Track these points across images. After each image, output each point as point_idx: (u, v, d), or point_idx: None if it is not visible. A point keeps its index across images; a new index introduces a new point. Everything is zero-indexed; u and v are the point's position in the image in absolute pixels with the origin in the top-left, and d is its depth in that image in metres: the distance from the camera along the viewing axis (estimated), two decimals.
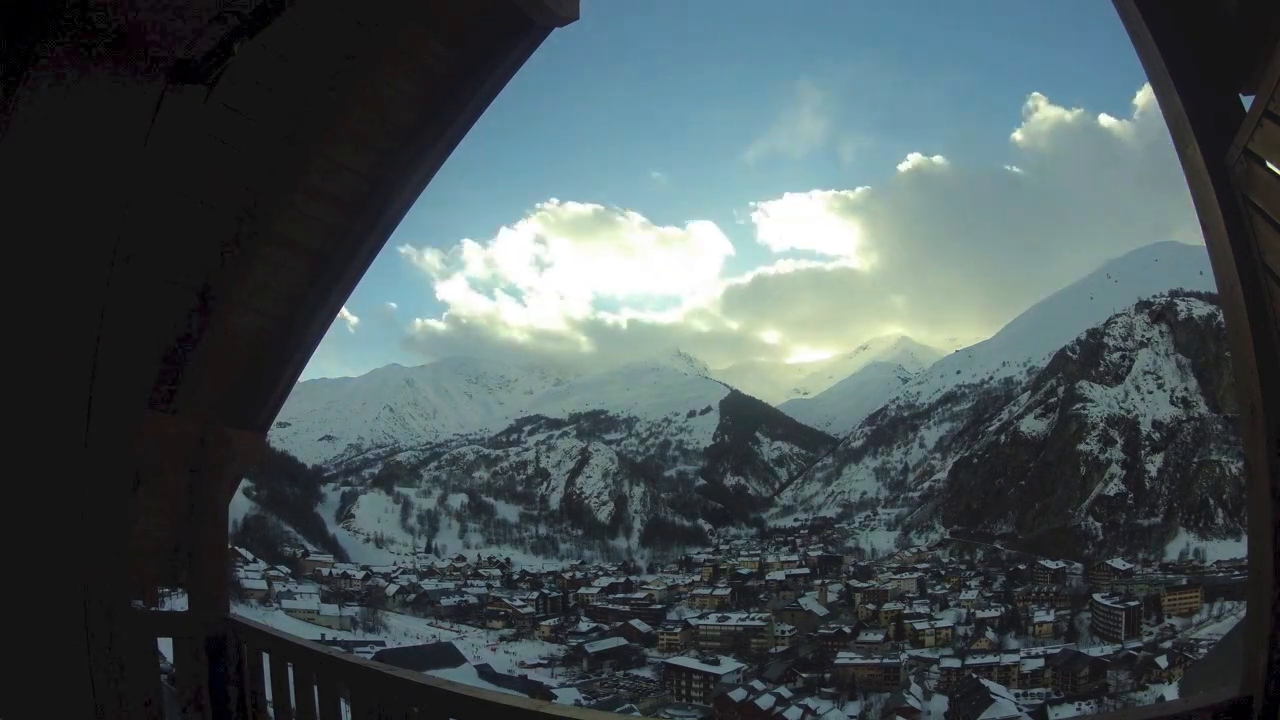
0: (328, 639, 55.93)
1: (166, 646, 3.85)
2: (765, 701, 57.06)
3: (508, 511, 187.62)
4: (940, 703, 60.43)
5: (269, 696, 3.61)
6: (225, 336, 3.61)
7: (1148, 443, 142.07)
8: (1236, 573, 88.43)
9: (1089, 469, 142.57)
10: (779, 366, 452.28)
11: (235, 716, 3.65)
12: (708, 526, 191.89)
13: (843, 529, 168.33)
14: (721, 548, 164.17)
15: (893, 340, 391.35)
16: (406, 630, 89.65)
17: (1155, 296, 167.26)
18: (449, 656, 68.80)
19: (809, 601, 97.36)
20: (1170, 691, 50.99)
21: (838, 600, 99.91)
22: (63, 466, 1.56)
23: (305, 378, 8.52)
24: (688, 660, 75.74)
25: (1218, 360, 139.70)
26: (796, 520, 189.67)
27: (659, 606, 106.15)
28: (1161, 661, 64.67)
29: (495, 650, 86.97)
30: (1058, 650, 72.00)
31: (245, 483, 62.03)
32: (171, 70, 1.54)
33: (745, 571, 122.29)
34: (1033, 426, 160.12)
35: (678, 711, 65.76)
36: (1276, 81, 1.75)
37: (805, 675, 71.08)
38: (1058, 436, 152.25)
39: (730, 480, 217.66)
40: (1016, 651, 74.44)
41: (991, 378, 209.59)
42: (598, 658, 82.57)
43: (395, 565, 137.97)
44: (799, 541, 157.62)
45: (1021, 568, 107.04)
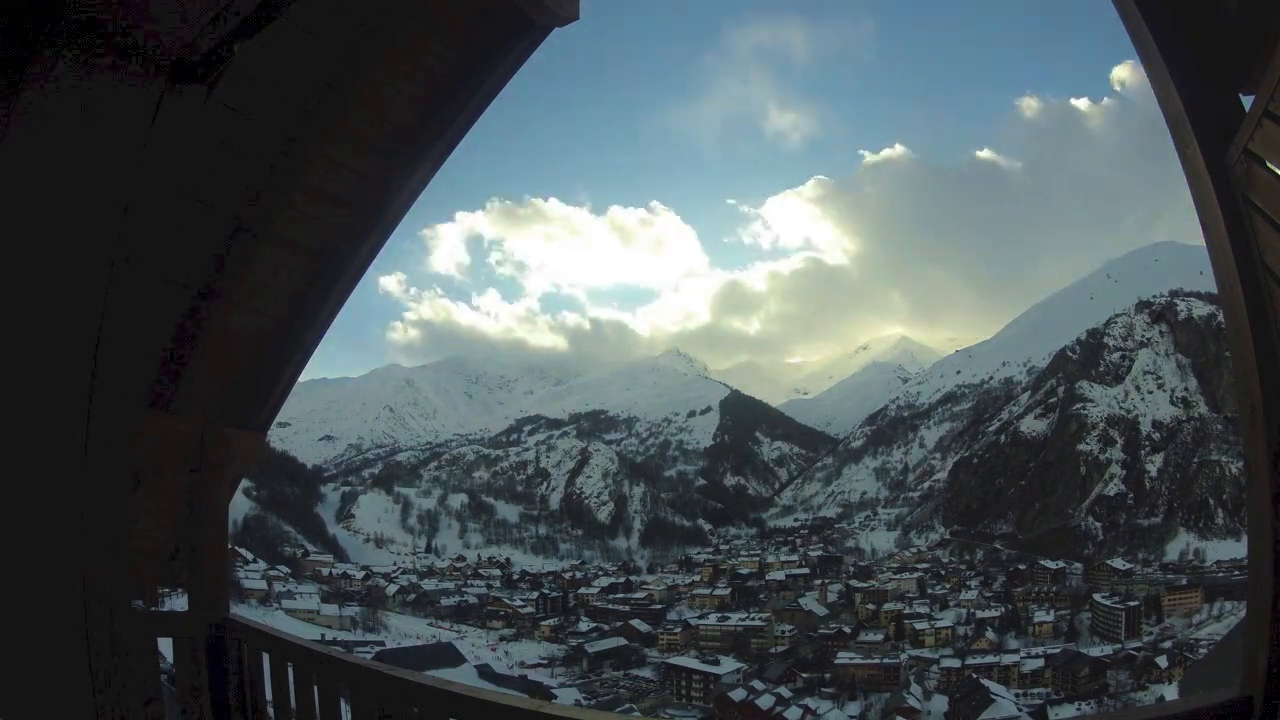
0: (328, 639, 55.90)
1: (166, 646, 3.85)
2: (765, 701, 57.07)
3: (508, 511, 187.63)
4: (940, 703, 60.45)
5: (269, 696, 3.61)
6: (225, 336, 3.61)
7: (1148, 443, 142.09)
8: (1236, 573, 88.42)
9: (1089, 469, 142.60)
10: (779, 366, 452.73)
11: (235, 716, 3.65)
12: (708, 526, 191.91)
13: (843, 529, 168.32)
14: (721, 548, 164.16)
15: (893, 340, 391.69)
16: (406, 630, 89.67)
17: (1155, 296, 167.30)
18: (449, 656, 68.83)
19: (809, 601, 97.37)
20: (1170, 691, 50.97)
21: (838, 600, 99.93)
22: (63, 466, 1.56)
23: (305, 378, 8.52)
24: (688, 660, 75.72)
25: (1218, 360, 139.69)
26: (796, 520, 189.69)
27: (659, 606, 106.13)
28: (1161, 661, 64.67)
29: (495, 650, 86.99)
30: (1058, 650, 71.99)
31: (245, 483, 62.04)
32: (171, 70, 1.54)
33: (745, 571, 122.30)
34: (1033, 426, 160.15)
35: (678, 711, 65.74)
36: (1276, 81, 1.75)
37: (805, 675, 71.08)
38: (1058, 436, 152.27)
39: (730, 480, 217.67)
40: (1016, 651, 74.43)
41: (991, 378, 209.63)
42: (598, 658, 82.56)
43: (395, 565, 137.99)
44: (799, 541, 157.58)
45: (1021, 568, 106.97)
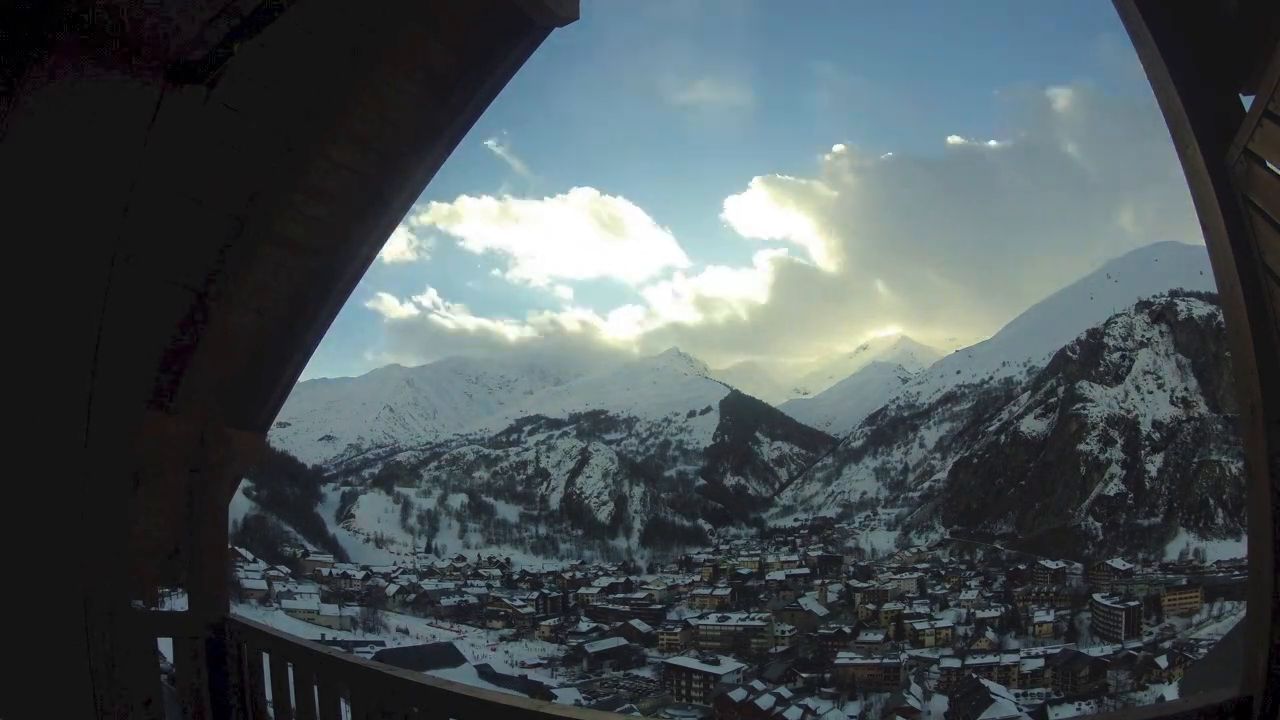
0: (328, 639, 55.91)
1: (166, 646, 3.85)
2: (765, 701, 57.08)
3: (508, 511, 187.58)
4: (940, 703, 60.44)
5: (269, 696, 3.61)
6: (225, 336, 3.61)
7: (1148, 443, 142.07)
8: (1236, 573, 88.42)
9: (1089, 469, 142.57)
10: (779, 366, 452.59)
11: (235, 716, 3.65)
12: (708, 526, 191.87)
13: (843, 529, 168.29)
14: (721, 548, 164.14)
15: (893, 340, 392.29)
16: (406, 630, 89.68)
17: (1155, 296, 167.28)
18: (449, 656, 68.90)
19: (809, 601, 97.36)
20: (1170, 691, 50.97)
21: (838, 600, 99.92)
22: (63, 466, 1.56)
23: (305, 378, 8.51)
24: (688, 660, 75.72)
25: (1218, 360, 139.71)
26: (796, 520, 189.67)
27: (659, 606, 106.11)
28: (1161, 661, 64.70)
29: (495, 650, 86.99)
30: (1058, 650, 71.99)
31: (245, 483, 62.02)
32: (171, 70, 1.54)
33: (745, 571, 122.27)
34: (1033, 426, 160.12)
35: (678, 711, 65.73)
36: (1276, 81, 1.75)
37: (805, 675, 71.07)
38: (1058, 436, 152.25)
39: (730, 480, 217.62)
40: (1016, 651, 74.44)
41: (991, 378, 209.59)
42: (598, 658, 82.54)
43: (395, 565, 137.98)
44: (799, 541, 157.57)
45: (1021, 568, 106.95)
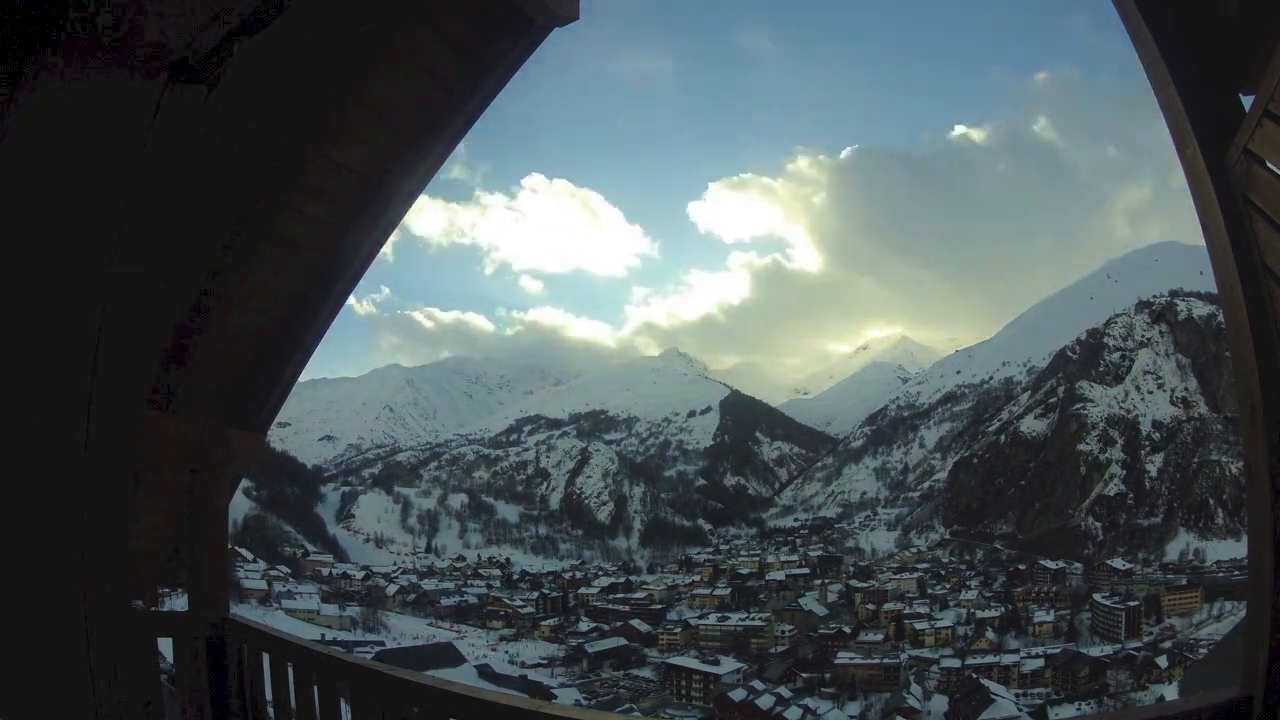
0: (328, 639, 55.91)
1: (166, 646, 3.85)
2: (765, 701, 57.06)
3: (508, 511, 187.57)
4: (940, 703, 60.44)
5: (269, 696, 3.61)
6: (225, 336, 3.61)
7: (1148, 443, 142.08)
8: (1236, 573, 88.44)
9: (1089, 469, 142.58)
10: (779, 366, 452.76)
11: (235, 717, 3.64)
12: (708, 526, 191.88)
13: (843, 529, 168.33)
14: (721, 548, 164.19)
15: (893, 340, 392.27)
16: (406, 630, 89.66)
17: (1155, 296, 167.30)
18: (449, 656, 68.85)
19: (809, 601, 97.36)
20: (1170, 691, 50.97)
21: (838, 600, 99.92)
22: (62, 466, 1.56)
23: (305, 378, 8.52)
24: (688, 660, 75.71)
25: (1218, 360, 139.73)
26: (796, 520, 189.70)
27: (659, 606, 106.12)
28: (1161, 661, 64.69)
29: (495, 650, 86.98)
30: (1058, 650, 72.00)
31: (245, 483, 61.97)
32: (171, 70, 1.54)
33: (745, 571, 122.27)
34: (1033, 426, 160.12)
35: (678, 711, 65.72)
36: (1276, 81, 1.75)
37: (805, 675, 71.07)
38: (1058, 436, 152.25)
39: (730, 480, 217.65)
40: (1016, 651, 74.42)
41: (991, 378, 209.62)
42: (598, 658, 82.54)
43: (395, 565, 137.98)
44: (799, 541, 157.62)
45: (1021, 568, 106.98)
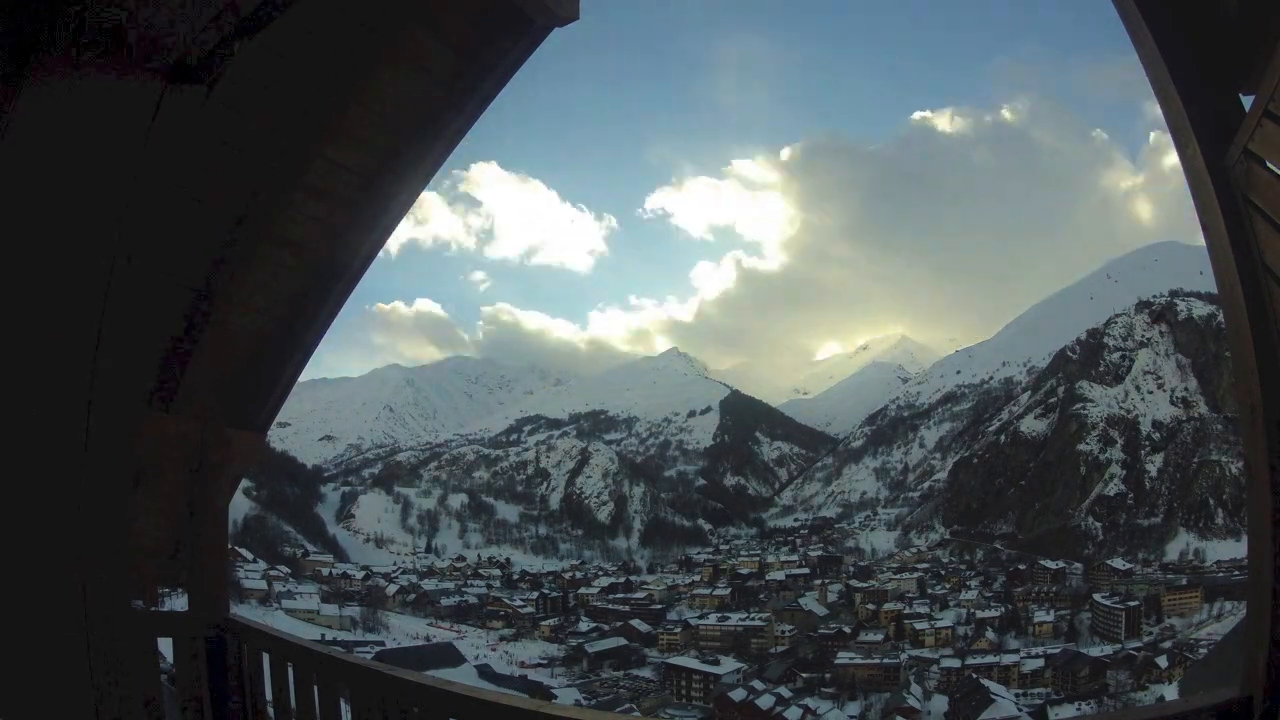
0: (328, 639, 55.91)
1: (166, 646, 3.84)
2: (765, 701, 57.06)
3: (508, 511, 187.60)
4: (940, 703, 60.45)
5: (269, 696, 3.61)
6: (225, 336, 3.60)
7: (1148, 443, 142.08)
8: (1236, 573, 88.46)
9: (1089, 469, 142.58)
10: (779, 366, 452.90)
11: (235, 717, 3.64)
12: (708, 526, 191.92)
13: (843, 529, 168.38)
14: (721, 548, 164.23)
15: (893, 340, 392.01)
16: (406, 630, 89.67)
17: (1155, 296, 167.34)
18: (449, 656, 68.90)
19: (809, 601, 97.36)
20: (1170, 691, 50.99)
21: (838, 600, 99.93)
22: (62, 466, 1.56)
23: (305, 378, 8.51)
24: (688, 660, 75.73)
25: (1218, 360, 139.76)
26: (796, 520, 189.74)
27: (659, 606, 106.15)
28: (1161, 661, 64.71)
29: (495, 650, 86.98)
30: (1058, 650, 72.01)
31: (245, 483, 62.02)
32: (171, 70, 1.54)
33: (745, 571, 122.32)
34: (1033, 426, 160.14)
35: (678, 711, 65.71)
36: (1276, 81, 1.75)
37: (805, 675, 71.09)
38: (1058, 436, 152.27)
39: (730, 480, 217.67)
40: (1016, 651, 74.45)
41: (991, 378, 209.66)
42: (598, 658, 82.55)
43: (395, 565, 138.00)
44: (799, 541, 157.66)
45: (1021, 568, 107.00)
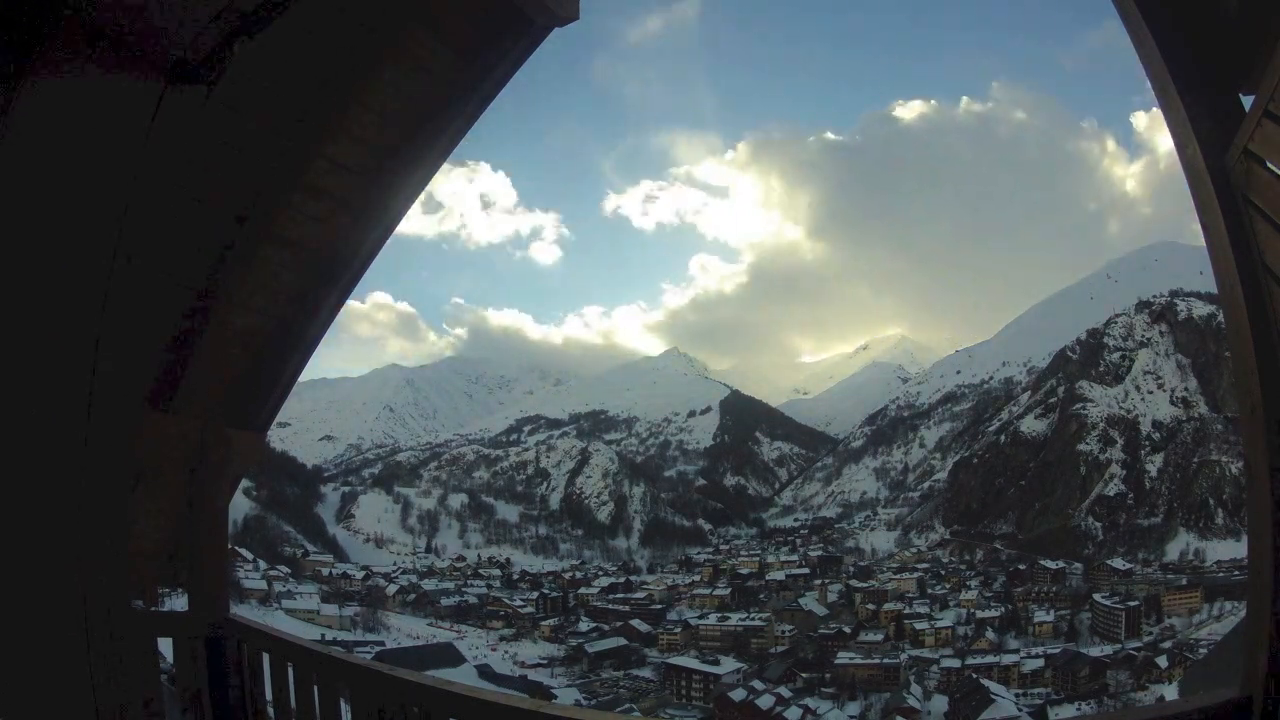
0: (328, 639, 55.92)
1: (166, 646, 3.84)
2: (765, 701, 57.07)
3: (508, 511, 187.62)
4: (940, 703, 60.47)
5: (269, 696, 3.61)
6: (225, 336, 3.60)
7: (1148, 443, 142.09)
8: (1236, 573, 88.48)
9: (1089, 469, 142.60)
10: (779, 366, 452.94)
11: (235, 717, 3.64)
12: (708, 526, 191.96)
13: (843, 529, 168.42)
14: (721, 548, 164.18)
15: (893, 340, 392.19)
16: (406, 630, 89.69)
17: (1155, 296, 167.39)
18: (449, 656, 68.89)
19: (809, 601, 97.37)
20: (1170, 691, 50.98)
21: (838, 600, 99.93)
22: (62, 466, 1.56)
23: (305, 378, 8.51)
24: (688, 660, 75.74)
25: (1218, 360, 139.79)
26: (796, 520, 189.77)
27: (659, 606, 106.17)
28: (1161, 661, 64.73)
29: (495, 650, 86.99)
30: (1058, 650, 72.03)
31: (245, 483, 62.07)
32: (171, 70, 1.54)
33: (745, 571, 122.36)
34: (1033, 426, 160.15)
35: (678, 711, 65.72)
36: (1276, 81, 1.75)
37: (805, 675, 71.10)
38: (1058, 436, 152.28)
39: (730, 480, 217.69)
40: (1016, 651, 74.49)
41: (991, 378, 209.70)
42: (598, 658, 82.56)
43: (395, 565, 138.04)
44: (799, 541, 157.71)
45: (1021, 568, 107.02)
